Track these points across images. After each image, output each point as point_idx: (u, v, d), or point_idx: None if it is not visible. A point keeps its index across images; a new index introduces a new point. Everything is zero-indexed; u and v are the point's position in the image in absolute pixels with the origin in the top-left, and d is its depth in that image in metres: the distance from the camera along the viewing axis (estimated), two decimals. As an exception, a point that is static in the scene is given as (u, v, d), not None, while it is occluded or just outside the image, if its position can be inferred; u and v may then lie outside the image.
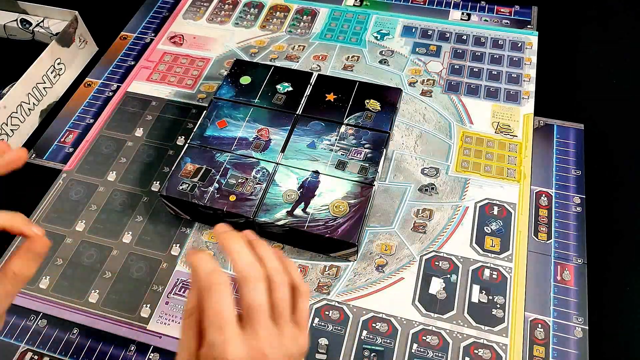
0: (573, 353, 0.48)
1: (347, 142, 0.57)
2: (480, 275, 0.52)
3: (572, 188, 0.58)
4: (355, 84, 0.62)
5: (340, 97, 0.61)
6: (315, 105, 0.60)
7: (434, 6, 0.78)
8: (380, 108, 0.60)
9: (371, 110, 0.59)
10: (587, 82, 0.68)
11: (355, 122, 0.58)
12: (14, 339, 0.51)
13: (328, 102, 0.60)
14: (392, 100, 0.60)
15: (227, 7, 0.80)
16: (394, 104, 0.60)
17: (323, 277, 0.53)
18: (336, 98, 0.61)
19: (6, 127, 0.64)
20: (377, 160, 0.56)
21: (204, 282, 0.33)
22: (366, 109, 0.60)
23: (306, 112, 0.60)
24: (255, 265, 0.34)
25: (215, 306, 0.32)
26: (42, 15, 0.76)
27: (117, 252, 0.56)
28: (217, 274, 0.33)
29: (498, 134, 0.63)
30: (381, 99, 0.60)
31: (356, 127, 0.58)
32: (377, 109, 0.59)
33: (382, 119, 0.59)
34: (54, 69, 0.70)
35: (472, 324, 0.50)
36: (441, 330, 0.49)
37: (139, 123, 0.67)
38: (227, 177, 0.55)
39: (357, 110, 0.59)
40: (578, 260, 0.53)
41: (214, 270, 0.33)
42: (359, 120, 0.59)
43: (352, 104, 0.60)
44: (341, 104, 0.60)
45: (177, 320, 0.51)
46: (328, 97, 0.61)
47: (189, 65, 0.73)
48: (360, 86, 0.62)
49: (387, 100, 0.60)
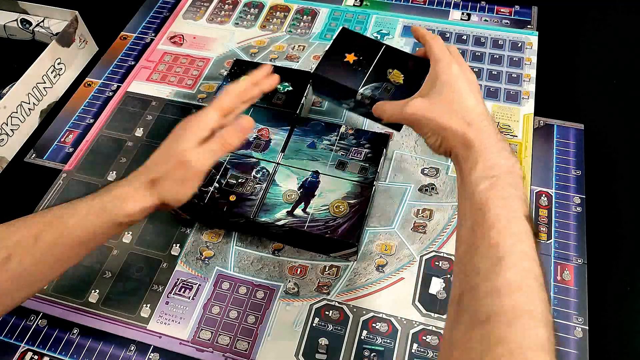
0: (573, 353, 0.48)
1: (347, 142, 0.57)
2: (480, 275, 0.52)
3: (572, 188, 0.58)
4: (382, 47, 0.53)
5: (361, 60, 0.53)
6: (332, 65, 0.52)
7: (434, 6, 0.78)
8: (403, 82, 0.51)
9: (392, 82, 0.51)
10: (587, 82, 0.68)
11: (372, 93, 0.50)
12: (14, 339, 0.51)
13: (346, 64, 0.53)
14: (419, 74, 0.49)
15: (227, 7, 0.80)
16: (420, 79, 0.48)
17: (323, 277, 0.53)
18: (356, 60, 0.53)
19: (6, 127, 0.64)
20: (377, 160, 0.56)
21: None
22: (387, 79, 0.51)
23: (321, 71, 0.52)
24: None
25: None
26: (42, 15, 0.76)
27: (117, 252, 0.56)
28: None
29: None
30: (406, 71, 0.51)
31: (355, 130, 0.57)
32: (398, 82, 0.51)
33: (402, 95, 0.49)
34: (54, 69, 0.70)
35: (472, 324, 0.49)
36: (441, 330, 0.49)
37: (139, 123, 0.67)
38: (227, 177, 0.55)
39: (377, 80, 0.51)
40: (578, 260, 0.53)
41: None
42: (376, 92, 0.50)
43: (373, 70, 0.52)
44: (360, 67, 0.52)
45: (177, 320, 0.51)
46: (348, 57, 0.53)
47: (189, 65, 0.73)
48: (387, 51, 0.53)
49: (412, 73, 0.51)
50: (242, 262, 0.55)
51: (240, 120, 0.45)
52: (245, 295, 0.52)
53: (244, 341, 0.50)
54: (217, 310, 0.52)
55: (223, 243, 0.56)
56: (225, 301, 0.52)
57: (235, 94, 0.47)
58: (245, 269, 0.54)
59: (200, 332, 0.50)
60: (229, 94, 0.46)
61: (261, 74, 0.49)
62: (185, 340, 0.50)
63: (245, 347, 0.49)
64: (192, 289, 0.53)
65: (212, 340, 0.50)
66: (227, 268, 0.54)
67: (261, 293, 0.52)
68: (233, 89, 0.47)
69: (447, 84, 0.43)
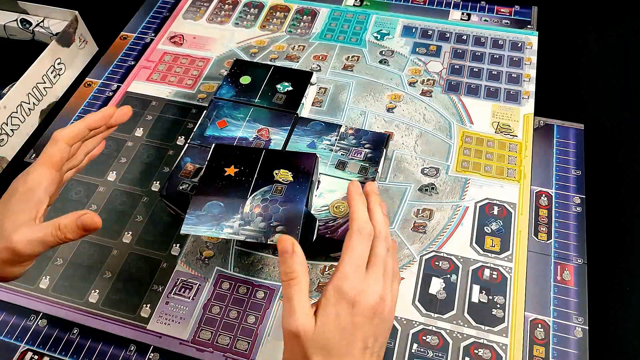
0: (573, 353, 0.48)
1: (347, 142, 0.57)
2: (480, 275, 0.52)
3: (572, 188, 0.58)
4: (261, 152, 0.52)
5: (243, 170, 0.51)
6: (213, 182, 0.50)
7: (434, 6, 0.78)
8: (293, 179, 0.50)
9: (281, 182, 0.49)
10: (587, 82, 0.68)
11: (263, 197, 0.48)
12: (14, 339, 0.51)
13: (228, 177, 0.50)
14: (307, 169, 0.50)
15: (227, 7, 0.80)
16: (308, 173, 0.50)
17: (323, 277, 0.53)
18: (237, 172, 0.50)
19: (6, 127, 0.64)
20: (377, 160, 0.56)
21: (357, 226, 0.39)
22: (276, 180, 0.50)
23: (201, 192, 0.49)
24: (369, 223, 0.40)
25: (358, 248, 0.38)
26: (42, 15, 0.76)
27: (117, 252, 0.56)
28: (370, 225, 0.40)
29: (498, 133, 0.63)
30: (294, 167, 0.50)
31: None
32: (288, 180, 0.50)
33: (295, 191, 0.49)
34: (54, 69, 0.70)
35: (472, 323, 0.50)
36: (441, 330, 0.49)
37: (139, 123, 0.67)
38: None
39: (265, 184, 0.49)
40: (578, 260, 0.53)
41: (368, 221, 0.40)
42: (267, 195, 0.49)
43: (258, 176, 0.50)
44: (244, 178, 0.50)
45: (177, 320, 0.51)
46: (228, 170, 0.51)
47: (189, 65, 0.73)
48: (268, 154, 0.52)
49: (300, 168, 0.50)
50: (242, 262, 0.55)
51: (83, 217, 0.38)
52: (245, 295, 0.52)
53: (244, 341, 0.50)
54: (217, 310, 0.52)
55: (223, 243, 0.56)
56: (225, 301, 0.52)
57: (65, 144, 0.41)
58: (245, 269, 0.54)
59: (200, 332, 0.50)
60: (57, 144, 0.40)
61: (96, 118, 0.43)
62: (185, 340, 0.50)
63: (245, 347, 0.49)
64: (192, 289, 0.53)
65: (212, 340, 0.50)
66: (227, 268, 0.54)
67: (261, 293, 0.52)
68: (62, 136, 0.41)
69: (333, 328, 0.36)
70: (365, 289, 0.37)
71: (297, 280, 0.37)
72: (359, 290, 0.36)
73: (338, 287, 0.36)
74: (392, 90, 0.68)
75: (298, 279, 0.37)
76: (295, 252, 0.37)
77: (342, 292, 0.36)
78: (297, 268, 0.37)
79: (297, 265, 0.37)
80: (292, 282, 0.37)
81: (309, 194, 0.49)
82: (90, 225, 0.39)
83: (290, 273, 0.37)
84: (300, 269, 0.37)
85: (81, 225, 0.38)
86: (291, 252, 0.37)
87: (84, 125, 0.42)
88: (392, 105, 0.66)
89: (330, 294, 0.36)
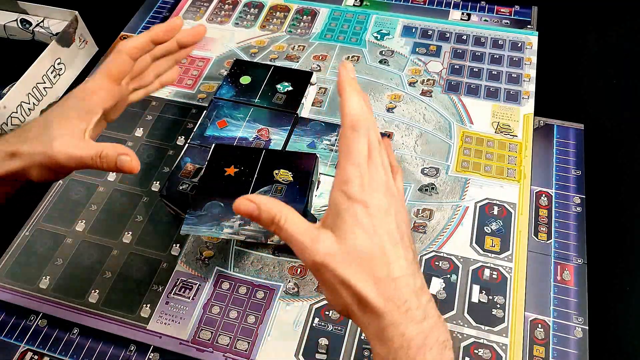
0: (573, 353, 0.48)
1: (347, 142, 0.57)
2: (480, 275, 0.52)
3: (572, 188, 0.58)
4: (261, 152, 0.52)
5: (243, 170, 0.51)
6: (214, 182, 0.51)
7: (434, 6, 0.78)
8: (293, 179, 0.50)
9: (281, 182, 0.50)
10: (587, 82, 0.68)
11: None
12: (14, 339, 0.51)
13: (228, 177, 0.51)
14: (307, 169, 0.51)
15: (227, 7, 0.80)
16: (308, 173, 0.50)
17: (323, 277, 0.53)
18: (237, 172, 0.51)
19: (6, 127, 0.64)
20: (377, 160, 0.56)
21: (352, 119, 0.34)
22: (275, 180, 0.50)
23: (202, 193, 0.50)
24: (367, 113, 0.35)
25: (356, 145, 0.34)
26: (42, 15, 0.76)
27: (117, 252, 0.56)
28: (364, 117, 0.34)
29: (498, 133, 0.63)
30: (293, 168, 0.51)
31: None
32: (288, 180, 0.50)
33: (295, 191, 0.49)
34: (54, 69, 0.70)
35: (472, 323, 0.50)
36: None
37: (139, 123, 0.67)
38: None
39: (265, 184, 0.50)
40: (578, 260, 0.53)
41: (362, 114, 0.34)
42: (267, 195, 0.49)
43: (258, 176, 0.50)
44: (244, 178, 0.51)
45: (177, 320, 0.51)
46: (228, 171, 0.51)
47: (189, 65, 0.73)
48: (268, 154, 0.52)
49: (300, 168, 0.51)
50: (242, 262, 0.55)
51: (123, 159, 0.39)
52: (245, 295, 0.52)
53: (244, 341, 0.50)
54: (217, 310, 0.52)
55: (223, 243, 0.56)
56: (225, 301, 0.52)
57: (127, 56, 0.40)
58: (245, 269, 0.54)
59: (200, 332, 0.50)
60: (120, 55, 0.39)
61: (160, 30, 0.42)
62: (185, 340, 0.50)
63: (245, 347, 0.49)
64: (192, 289, 0.53)
65: (212, 340, 0.50)
66: (227, 268, 0.54)
67: (261, 293, 0.52)
68: (125, 47, 0.39)
69: (355, 227, 0.33)
70: (371, 184, 0.33)
71: (283, 218, 0.33)
72: (366, 188, 0.33)
73: (344, 193, 0.33)
74: (392, 90, 0.68)
75: (282, 216, 0.33)
76: (260, 207, 0.34)
77: (351, 197, 0.33)
78: (272, 213, 0.33)
79: (271, 212, 0.33)
80: (280, 224, 0.33)
81: (309, 194, 0.49)
82: (127, 169, 0.39)
83: (270, 221, 0.33)
84: (275, 210, 0.33)
85: (120, 166, 0.39)
86: (257, 211, 0.34)
87: (148, 38, 0.41)
88: (392, 105, 0.66)
89: (338, 203, 0.33)
